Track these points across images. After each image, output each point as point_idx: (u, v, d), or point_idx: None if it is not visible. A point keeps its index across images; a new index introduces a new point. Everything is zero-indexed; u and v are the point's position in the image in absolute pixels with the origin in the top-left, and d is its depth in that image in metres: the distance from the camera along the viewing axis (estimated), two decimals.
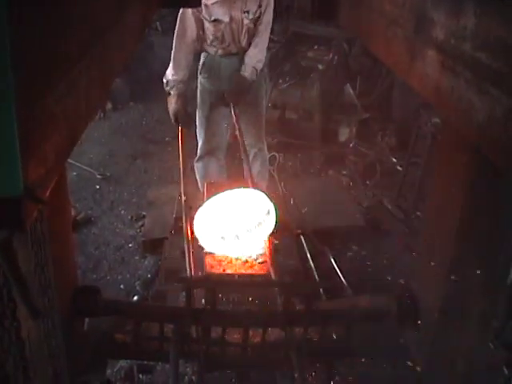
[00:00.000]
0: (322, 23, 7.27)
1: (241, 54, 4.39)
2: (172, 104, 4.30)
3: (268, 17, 4.30)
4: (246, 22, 4.21)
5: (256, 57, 4.36)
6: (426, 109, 5.08)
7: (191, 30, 4.22)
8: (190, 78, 4.44)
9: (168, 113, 4.42)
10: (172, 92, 4.31)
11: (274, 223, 3.07)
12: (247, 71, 4.32)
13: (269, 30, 4.38)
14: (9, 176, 0.88)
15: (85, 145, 6.57)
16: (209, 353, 2.62)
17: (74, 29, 1.24)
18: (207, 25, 4.21)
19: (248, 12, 4.18)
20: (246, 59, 4.34)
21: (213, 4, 4.11)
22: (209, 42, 4.30)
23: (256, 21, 4.26)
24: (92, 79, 1.38)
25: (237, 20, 4.19)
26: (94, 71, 1.40)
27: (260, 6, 4.22)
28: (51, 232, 1.92)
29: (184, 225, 3.21)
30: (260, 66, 4.40)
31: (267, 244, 3.09)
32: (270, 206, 3.13)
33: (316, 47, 7.05)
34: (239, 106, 4.47)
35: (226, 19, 4.15)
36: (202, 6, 4.02)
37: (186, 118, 4.34)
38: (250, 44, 4.34)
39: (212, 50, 4.35)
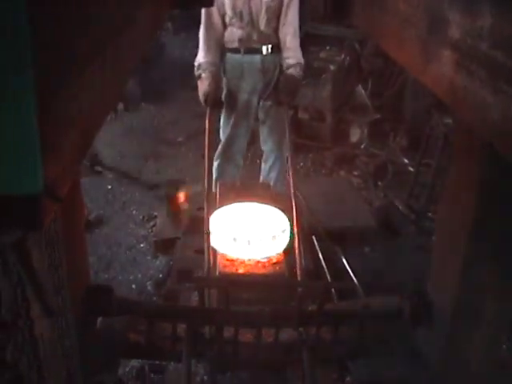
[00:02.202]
0: (334, 24, 7.27)
1: (262, 48, 4.30)
2: (204, 86, 4.19)
3: (295, 6, 4.21)
4: (264, 0, 4.13)
5: (297, 49, 4.28)
6: (438, 109, 5.07)
7: (216, 11, 4.17)
8: (221, 62, 4.38)
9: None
10: (204, 75, 4.21)
11: (286, 242, 3.06)
12: (292, 69, 4.26)
13: (297, 20, 4.26)
14: (29, 174, 0.88)
15: (96, 145, 6.59)
16: (221, 353, 2.62)
17: (88, 28, 1.24)
18: (226, 1, 4.15)
19: None
20: (287, 53, 4.27)
21: None
22: (228, 19, 4.21)
23: (278, 2, 4.18)
24: (106, 79, 1.38)
25: None
26: (108, 71, 1.41)
27: None
28: (65, 232, 1.93)
29: (205, 222, 3.19)
30: (302, 60, 4.33)
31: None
32: (287, 226, 3.13)
33: (328, 48, 7.04)
34: (263, 110, 4.46)
35: None
36: None
37: (216, 101, 4.27)
38: (272, 30, 4.26)
39: (232, 33, 4.25)
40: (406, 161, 6.39)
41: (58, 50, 1.02)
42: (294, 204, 3.33)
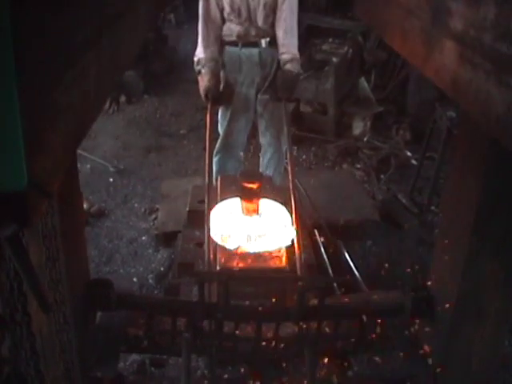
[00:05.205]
0: (337, 16, 7.23)
1: (261, 41, 4.28)
2: (205, 82, 4.15)
3: (290, 1, 4.15)
4: None
5: (292, 45, 4.21)
6: (442, 102, 5.04)
7: (214, 6, 4.15)
8: (220, 56, 4.32)
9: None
10: (203, 70, 4.17)
11: (287, 236, 3.04)
12: (289, 64, 4.19)
13: (296, 14, 4.19)
14: (13, 171, 0.87)
15: (99, 138, 6.58)
16: (221, 347, 2.61)
17: (83, 18, 1.22)
18: None
19: None
20: (282, 49, 4.19)
21: None
22: (226, 15, 4.18)
23: (275, 4, 4.13)
24: (102, 69, 1.36)
25: None
26: (105, 60, 1.38)
27: None
28: (63, 226, 1.91)
29: (206, 217, 3.17)
30: (298, 54, 4.27)
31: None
32: (288, 221, 3.11)
33: (331, 40, 7.01)
34: (261, 103, 4.43)
35: None
36: None
37: (217, 96, 4.21)
38: (270, 25, 4.22)
39: (231, 29, 4.24)
40: (409, 154, 6.36)
41: (46, 42, 0.99)
42: (292, 198, 3.30)
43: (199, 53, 4.21)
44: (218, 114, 4.58)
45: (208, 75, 4.14)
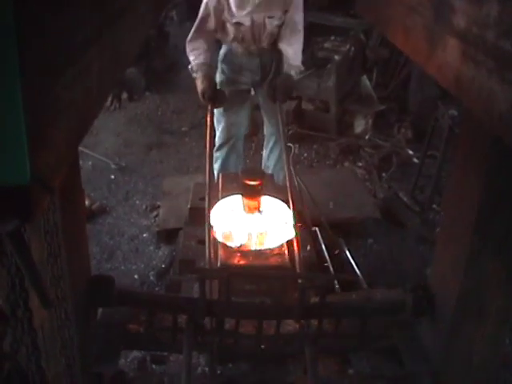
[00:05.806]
0: (339, 14, 7.23)
1: (262, 52, 4.33)
2: (199, 85, 4.22)
3: (296, 18, 4.17)
4: (268, 27, 4.12)
5: (297, 57, 4.27)
6: (444, 100, 5.03)
7: (210, 25, 4.16)
8: (213, 60, 4.38)
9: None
10: (197, 75, 4.25)
11: (288, 233, 3.05)
12: (292, 71, 4.25)
13: (301, 30, 4.25)
14: (16, 165, 0.86)
15: (100, 135, 6.58)
16: (222, 344, 2.61)
17: (85, 15, 1.21)
18: (228, 25, 4.16)
19: (273, 17, 4.10)
20: (288, 61, 4.25)
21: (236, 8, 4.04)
22: (228, 39, 4.26)
23: (281, 26, 4.18)
24: (104, 66, 1.36)
25: (259, 24, 4.09)
26: (106, 57, 1.38)
27: (286, 11, 4.12)
28: (64, 222, 1.91)
29: (206, 215, 3.17)
30: (301, 67, 4.35)
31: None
32: (290, 219, 3.11)
33: (333, 38, 7.00)
34: (261, 96, 4.46)
35: (248, 23, 4.07)
36: (225, 6, 4.02)
37: (213, 96, 4.24)
38: (272, 43, 4.27)
39: (233, 45, 4.30)
40: (410, 152, 6.36)
41: (48, 41, 0.99)
42: (290, 196, 3.31)
43: (191, 60, 4.28)
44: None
45: (201, 78, 4.20)
